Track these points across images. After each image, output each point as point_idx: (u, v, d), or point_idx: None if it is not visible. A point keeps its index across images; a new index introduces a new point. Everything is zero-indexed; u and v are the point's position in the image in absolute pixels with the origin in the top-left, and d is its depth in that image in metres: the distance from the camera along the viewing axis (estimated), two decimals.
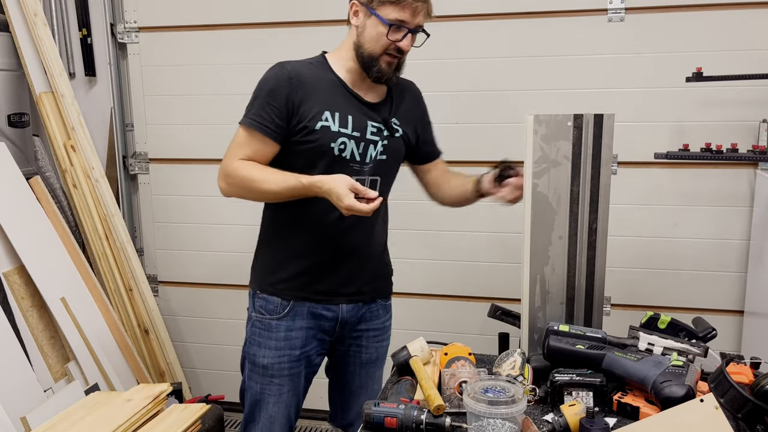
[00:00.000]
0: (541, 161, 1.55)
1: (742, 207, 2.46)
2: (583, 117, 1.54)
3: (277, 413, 1.81)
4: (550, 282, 1.60)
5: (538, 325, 1.62)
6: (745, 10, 2.36)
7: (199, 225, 2.98)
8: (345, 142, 1.68)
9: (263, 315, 1.79)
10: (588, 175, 1.56)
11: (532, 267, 1.59)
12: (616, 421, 1.32)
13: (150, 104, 2.94)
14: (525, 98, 2.57)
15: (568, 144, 1.54)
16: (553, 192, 1.56)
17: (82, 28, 2.92)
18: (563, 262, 1.59)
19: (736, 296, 2.52)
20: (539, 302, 1.60)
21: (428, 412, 1.30)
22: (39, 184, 2.69)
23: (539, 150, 1.55)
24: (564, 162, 1.55)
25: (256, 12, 2.76)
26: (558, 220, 1.57)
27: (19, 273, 2.45)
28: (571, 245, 1.59)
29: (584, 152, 1.55)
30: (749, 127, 2.40)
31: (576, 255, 1.59)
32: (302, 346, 1.79)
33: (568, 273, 1.60)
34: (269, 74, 1.71)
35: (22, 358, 2.30)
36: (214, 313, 3.05)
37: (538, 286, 1.60)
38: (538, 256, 1.58)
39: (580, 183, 1.56)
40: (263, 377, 1.80)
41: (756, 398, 1.20)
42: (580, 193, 1.57)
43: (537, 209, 1.57)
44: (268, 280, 1.79)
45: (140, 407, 1.87)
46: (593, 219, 1.58)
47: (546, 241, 1.58)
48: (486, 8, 2.55)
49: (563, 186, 1.56)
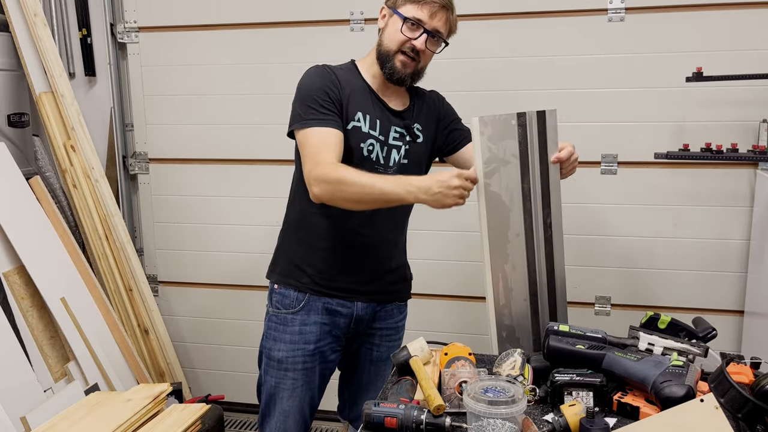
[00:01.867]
0: (490, 161, 1.57)
1: (742, 207, 2.46)
2: (526, 115, 1.57)
3: (291, 408, 1.84)
4: (512, 279, 1.61)
5: (505, 322, 1.62)
6: (745, 10, 2.36)
7: (199, 225, 2.98)
8: (373, 143, 1.74)
9: (279, 310, 1.84)
10: (537, 172, 1.59)
11: (493, 266, 1.59)
12: (616, 421, 1.32)
13: (150, 104, 2.94)
14: (525, 98, 2.57)
15: (515, 142, 1.57)
16: (506, 190, 1.58)
17: (82, 28, 2.92)
18: (522, 258, 1.61)
19: (736, 296, 2.52)
20: (503, 300, 1.61)
21: (428, 412, 1.30)
22: (39, 184, 2.69)
23: (488, 150, 1.56)
24: (513, 160, 1.58)
25: (256, 12, 2.76)
26: (513, 218, 1.59)
27: (19, 273, 2.45)
28: (528, 241, 1.61)
29: (531, 149, 1.58)
30: (749, 127, 2.40)
31: (534, 250, 1.62)
32: (316, 341, 1.82)
33: (528, 269, 1.62)
34: (314, 74, 1.73)
35: (22, 358, 2.30)
36: (214, 313, 3.05)
37: (500, 284, 1.60)
38: (498, 254, 1.59)
39: (530, 179, 1.59)
40: (278, 371, 1.84)
41: (756, 398, 1.20)
42: (531, 190, 1.59)
43: (491, 208, 1.58)
44: (291, 273, 1.83)
45: (140, 407, 1.88)
46: (547, 214, 1.62)
47: (503, 239, 1.59)
48: (486, 8, 2.55)
49: (514, 183, 1.58)
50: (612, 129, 2.52)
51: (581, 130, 2.55)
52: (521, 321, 1.62)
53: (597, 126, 2.53)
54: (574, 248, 2.63)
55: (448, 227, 2.73)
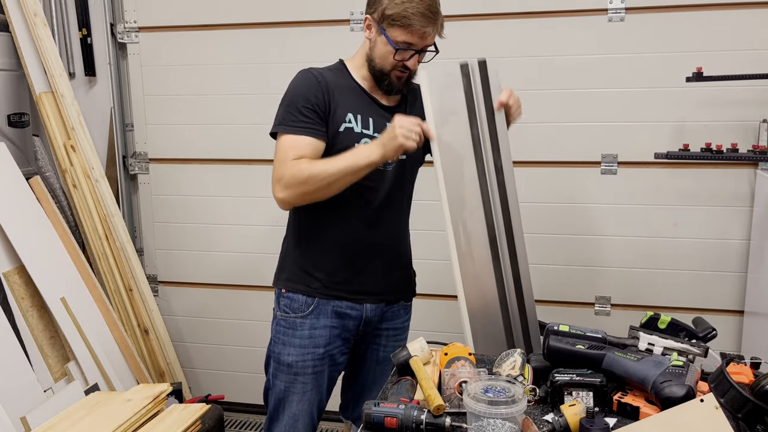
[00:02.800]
0: (440, 111, 1.61)
1: (742, 207, 2.46)
2: (468, 65, 1.63)
3: (300, 411, 1.84)
4: (471, 225, 1.64)
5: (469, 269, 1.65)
6: (745, 10, 2.36)
7: (199, 225, 2.98)
8: (368, 142, 1.73)
9: (288, 314, 1.83)
10: (484, 119, 1.64)
11: (452, 213, 1.63)
12: (616, 421, 1.32)
13: (150, 104, 2.94)
14: (524, 98, 2.56)
15: (461, 92, 1.62)
16: (456, 139, 1.63)
17: (82, 28, 2.92)
18: (479, 203, 1.65)
19: (736, 296, 2.52)
20: (465, 247, 1.64)
21: (428, 412, 1.30)
22: (39, 184, 2.69)
23: (437, 101, 1.60)
24: (461, 109, 1.62)
25: (257, 12, 2.76)
26: (466, 165, 1.63)
27: (19, 273, 2.45)
28: (482, 186, 1.65)
29: (476, 98, 1.63)
30: (749, 127, 2.40)
31: (488, 195, 1.66)
32: (326, 344, 1.82)
33: (485, 214, 1.66)
34: (299, 81, 1.75)
35: (22, 358, 2.30)
36: (214, 313, 3.05)
37: (461, 231, 1.64)
38: (455, 202, 1.63)
39: (478, 126, 1.64)
40: (288, 375, 1.83)
41: (756, 398, 1.20)
42: (480, 136, 1.64)
43: (445, 157, 1.62)
44: (300, 279, 1.83)
45: (140, 407, 1.87)
46: (497, 158, 1.66)
47: (459, 186, 1.63)
48: (486, 8, 2.56)
49: (464, 132, 1.63)
50: (612, 129, 2.52)
51: (581, 130, 2.55)
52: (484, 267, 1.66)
53: (597, 126, 2.53)
54: (574, 248, 2.63)
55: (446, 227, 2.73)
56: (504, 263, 1.67)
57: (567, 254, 2.64)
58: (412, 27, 1.64)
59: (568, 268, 2.65)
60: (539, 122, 2.57)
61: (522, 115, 1.78)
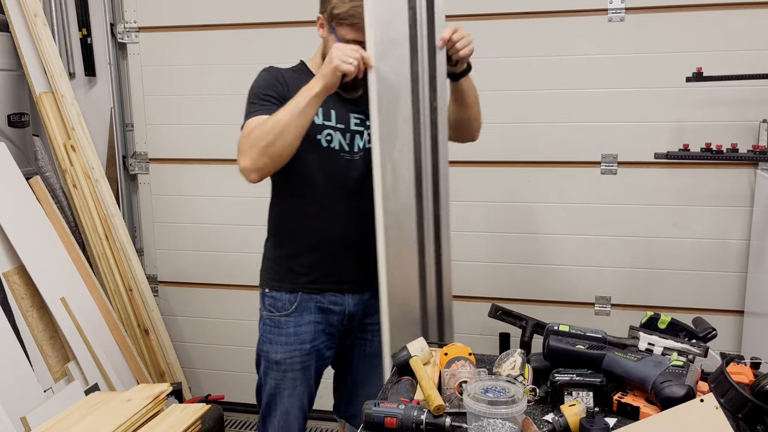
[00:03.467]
0: (381, 42, 1.57)
1: (742, 207, 2.46)
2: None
3: (292, 406, 1.88)
4: (399, 163, 1.62)
5: (391, 207, 1.63)
6: (745, 10, 2.36)
7: (199, 225, 2.98)
8: (331, 133, 1.76)
9: (273, 313, 1.87)
10: (425, 56, 1.59)
11: (382, 150, 1.60)
12: (616, 421, 1.32)
13: (150, 104, 2.94)
14: (524, 98, 2.57)
15: (405, 25, 1.57)
16: (395, 73, 1.58)
17: (82, 28, 2.92)
18: (410, 142, 1.61)
19: (736, 296, 2.52)
20: (390, 184, 1.62)
21: (428, 412, 1.30)
22: (39, 184, 2.69)
23: (379, 30, 1.56)
24: (403, 43, 1.58)
25: (257, 12, 2.76)
26: (401, 102, 1.59)
27: (19, 273, 2.45)
28: (415, 126, 1.61)
29: (420, 33, 1.58)
30: (749, 127, 2.40)
31: (420, 135, 1.62)
32: (312, 340, 1.86)
33: (414, 153, 1.63)
34: (260, 76, 1.81)
35: (22, 358, 2.30)
36: (214, 313, 3.05)
37: (389, 168, 1.61)
38: (386, 138, 1.60)
39: (419, 63, 1.59)
40: (277, 372, 1.87)
41: (756, 398, 1.20)
42: (420, 74, 1.59)
43: (382, 91, 1.58)
44: (283, 277, 1.86)
45: (140, 407, 1.87)
46: (433, 98, 1.62)
47: (392, 123, 1.60)
48: (486, 8, 2.55)
49: (404, 67, 1.58)
50: (612, 129, 2.52)
51: (581, 130, 2.55)
52: (406, 206, 1.64)
53: (597, 126, 2.53)
54: (574, 248, 2.63)
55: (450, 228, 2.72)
56: (426, 203, 1.66)
57: (567, 254, 2.64)
58: (359, 25, 1.64)
59: (568, 268, 2.65)
60: (539, 122, 2.57)
61: (474, 52, 1.70)
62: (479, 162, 2.66)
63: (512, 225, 2.67)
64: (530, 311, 1.80)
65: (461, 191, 2.70)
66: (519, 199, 2.64)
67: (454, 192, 2.70)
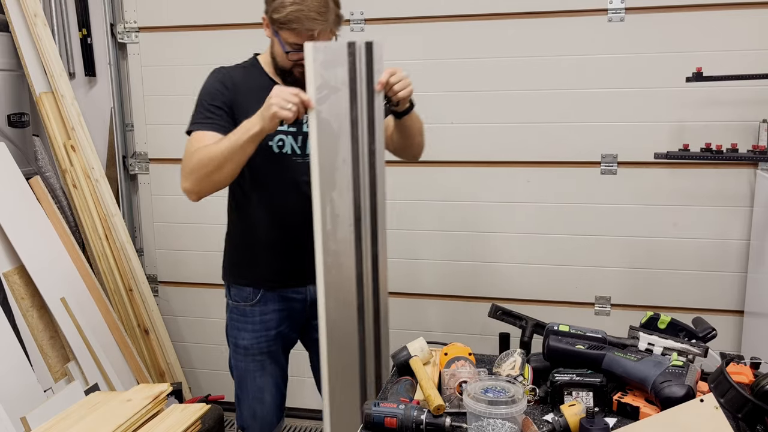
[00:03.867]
0: (322, 87, 1.60)
1: (742, 207, 2.46)
2: (356, 44, 1.61)
3: (265, 383, 1.95)
4: (338, 205, 1.65)
5: (331, 247, 1.66)
6: (745, 10, 2.36)
7: (199, 225, 2.98)
8: (282, 138, 1.78)
9: (238, 302, 1.92)
10: (364, 101, 1.64)
11: (322, 192, 1.63)
12: (616, 421, 1.32)
13: (150, 104, 2.94)
14: (524, 98, 2.57)
15: (345, 71, 1.61)
16: (335, 117, 1.62)
17: (82, 28, 2.92)
18: (349, 184, 1.66)
19: (736, 296, 2.52)
20: (330, 225, 1.65)
21: (428, 412, 1.30)
22: (39, 184, 2.70)
23: (320, 77, 1.59)
24: (342, 88, 1.62)
25: (257, 12, 2.74)
26: (341, 145, 1.63)
27: (19, 273, 2.45)
28: (354, 168, 1.66)
29: (359, 78, 1.62)
30: (749, 127, 2.40)
31: (359, 177, 1.67)
32: (277, 326, 1.92)
33: (354, 195, 1.67)
34: (208, 79, 1.81)
35: (22, 358, 2.30)
36: (214, 313, 3.04)
37: (328, 210, 1.64)
38: (326, 181, 1.63)
39: (358, 108, 1.64)
40: (245, 357, 1.94)
41: (756, 398, 1.20)
42: (359, 118, 1.64)
43: (322, 135, 1.62)
44: (240, 273, 1.92)
45: (140, 407, 1.87)
46: (371, 141, 1.66)
47: (332, 165, 1.64)
48: (486, 8, 2.55)
49: (344, 111, 1.63)
50: (612, 129, 2.52)
51: (581, 130, 2.55)
52: (345, 246, 1.68)
53: (597, 126, 2.53)
54: (574, 248, 2.63)
55: (449, 227, 2.73)
56: (365, 244, 1.70)
57: (567, 254, 2.64)
58: (298, 30, 1.66)
59: (568, 268, 2.65)
60: (539, 122, 2.57)
61: (413, 93, 1.73)
62: (479, 162, 2.66)
63: (512, 225, 2.67)
64: (530, 311, 1.80)
65: (460, 191, 2.71)
66: (519, 199, 2.64)
67: (455, 193, 2.72)
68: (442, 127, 2.64)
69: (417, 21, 2.61)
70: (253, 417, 1.98)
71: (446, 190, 2.71)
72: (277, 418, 2.02)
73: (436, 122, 2.65)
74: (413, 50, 2.63)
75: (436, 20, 2.60)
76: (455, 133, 2.64)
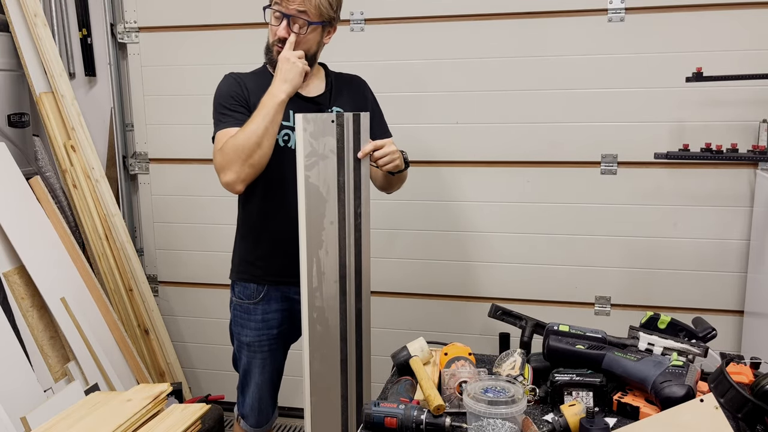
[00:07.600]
0: (311, 155, 1.70)
1: (742, 207, 2.46)
2: (344, 116, 1.73)
3: (263, 381, 2.04)
4: (325, 263, 1.75)
5: (317, 304, 1.76)
6: (745, 10, 2.36)
7: (199, 225, 2.98)
8: (288, 133, 1.85)
9: (242, 300, 1.99)
10: (351, 167, 1.75)
11: (309, 251, 1.73)
12: (616, 421, 1.32)
13: (150, 104, 2.94)
14: (525, 98, 2.57)
15: (333, 140, 1.72)
16: (323, 182, 1.73)
17: (82, 28, 2.92)
18: (335, 244, 1.76)
19: (736, 296, 2.52)
20: (316, 282, 1.75)
21: (428, 412, 1.30)
22: (39, 184, 2.70)
23: (309, 145, 1.69)
24: (330, 155, 1.72)
25: (256, 12, 2.74)
26: (328, 207, 1.74)
27: (19, 273, 2.45)
28: (340, 229, 1.76)
29: (347, 147, 1.73)
30: (749, 127, 2.40)
31: (345, 237, 1.77)
32: (278, 326, 1.99)
33: (339, 254, 1.77)
34: (221, 84, 1.88)
35: (22, 358, 2.30)
36: (214, 313, 3.05)
37: (315, 268, 1.74)
38: (313, 240, 1.73)
39: (345, 174, 1.75)
40: (248, 352, 2.02)
41: (756, 398, 1.20)
42: (345, 183, 1.75)
43: (310, 198, 1.72)
44: (248, 270, 1.97)
45: (140, 407, 1.87)
46: (357, 204, 1.77)
47: (319, 226, 1.74)
48: (486, 8, 2.55)
49: (331, 177, 1.73)
50: (612, 129, 2.52)
51: (581, 130, 2.55)
52: (330, 302, 1.78)
53: (597, 126, 2.53)
54: (574, 248, 2.63)
55: (449, 227, 2.73)
56: (350, 301, 1.81)
57: (567, 254, 2.64)
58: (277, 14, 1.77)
59: (568, 268, 2.65)
60: (539, 122, 2.57)
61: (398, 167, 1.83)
62: (478, 162, 2.66)
63: (512, 225, 2.67)
64: (530, 311, 1.80)
65: (460, 191, 2.71)
66: (519, 199, 2.64)
67: (455, 192, 2.72)
68: (442, 128, 2.64)
69: (417, 21, 2.61)
70: (253, 408, 2.06)
71: (446, 190, 2.71)
72: (273, 410, 2.12)
73: (436, 122, 2.65)
74: (413, 50, 2.63)
75: (436, 20, 2.61)
76: (455, 133, 2.64)
